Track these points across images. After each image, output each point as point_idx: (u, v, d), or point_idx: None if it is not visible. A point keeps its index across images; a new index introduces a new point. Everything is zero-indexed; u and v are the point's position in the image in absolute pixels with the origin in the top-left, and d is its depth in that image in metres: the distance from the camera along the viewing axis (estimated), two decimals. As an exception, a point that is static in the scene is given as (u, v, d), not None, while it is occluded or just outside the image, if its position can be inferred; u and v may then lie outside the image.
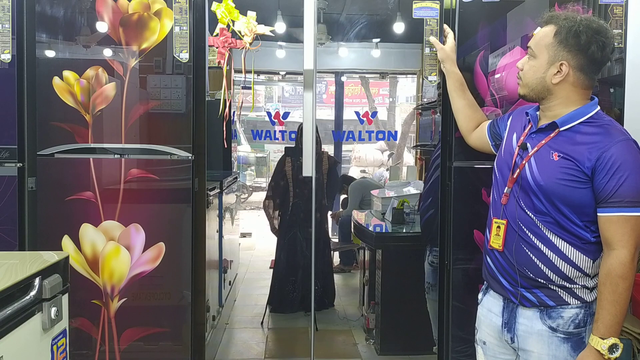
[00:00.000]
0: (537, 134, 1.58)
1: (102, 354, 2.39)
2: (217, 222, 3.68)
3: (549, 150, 1.52)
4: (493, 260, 1.64)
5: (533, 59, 1.56)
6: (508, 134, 1.70)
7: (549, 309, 1.53)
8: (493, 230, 1.61)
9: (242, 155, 10.90)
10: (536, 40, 1.56)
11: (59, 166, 2.37)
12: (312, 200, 2.48)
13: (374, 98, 12.33)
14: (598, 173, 1.43)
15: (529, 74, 1.57)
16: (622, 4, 2.25)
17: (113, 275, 2.37)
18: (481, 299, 1.73)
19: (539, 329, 1.53)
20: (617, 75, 2.30)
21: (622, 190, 1.41)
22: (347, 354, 3.59)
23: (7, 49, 2.27)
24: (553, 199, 1.48)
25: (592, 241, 1.50)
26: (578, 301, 1.51)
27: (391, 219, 3.87)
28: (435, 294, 2.57)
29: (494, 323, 1.64)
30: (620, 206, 1.42)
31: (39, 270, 1.39)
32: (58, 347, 1.46)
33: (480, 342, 1.71)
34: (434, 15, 2.35)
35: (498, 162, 1.69)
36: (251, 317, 4.23)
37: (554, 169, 1.49)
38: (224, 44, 2.48)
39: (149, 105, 2.37)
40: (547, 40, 1.53)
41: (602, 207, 1.45)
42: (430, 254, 2.59)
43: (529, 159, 1.54)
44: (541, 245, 1.52)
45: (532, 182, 1.51)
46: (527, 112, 1.65)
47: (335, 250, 5.44)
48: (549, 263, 1.51)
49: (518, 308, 1.58)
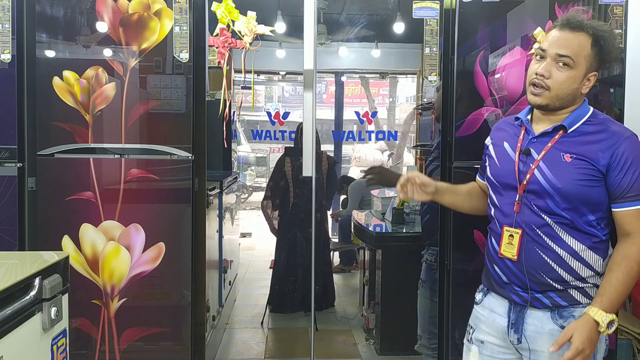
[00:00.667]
0: (538, 138, 1.57)
1: (102, 354, 2.40)
2: (217, 222, 3.68)
3: (558, 153, 1.52)
4: (503, 269, 1.61)
5: (569, 69, 1.50)
6: (497, 145, 1.67)
7: (561, 308, 1.53)
8: (504, 239, 1.59)
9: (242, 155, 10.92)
10: (574, 50, 1.50)
11: (59, 166, 2.37)
12: (312, 200, 2.48)
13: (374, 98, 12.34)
14: (612, 170, 1.47)
15: (564, 84, 1.50)
16: (622, 4, 2.25)
17: (113, 275, 2.37)
18: (481, 299, 1.72)
19: (550, 329, 1.53)
20: (617, 75, 2.30)
21: (638, 183, 1.47)
22: (347, 354, 3.59)
23: (7, 49, 2.28)
24: (572, 199, 1.50)
25: (603, 239, 1.53)
26: (588, 299, 1.53)
27: (391, 219, 3.87)
28: (425, 290, 2.57)
29: (497, 324, 1.63)
30: (637, 199, 1.48)
31: (39, 270, 1.39)
32: (58, 347, 1.46)
33: (477, 342, 1.69)
34: (434, 15, 2.35)
35: (495, 172, 1.65)
36: (251, 317, 4.23)
37: (569, 170, 1.50)
38: (224, 44, 2.48)
39: (149, 105, 2.37)
40: (586, 51, 1.50)
41: (620, 202, 1.49)
42: (426, 252, 2.60)
43: (538, 163, 1.54)
44: (556, 247, 1.53)
45: (548, 186, 1.51)
46: (518, 117, 1.64)
47: (335, 250, 5.44)
48: (564, 264, 1.52)
49: (527, 309, 1.57)
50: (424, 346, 2.59)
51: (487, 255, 1.69)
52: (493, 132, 1.74)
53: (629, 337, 2.60)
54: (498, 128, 1.73)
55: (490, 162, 1.68)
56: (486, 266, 1.70)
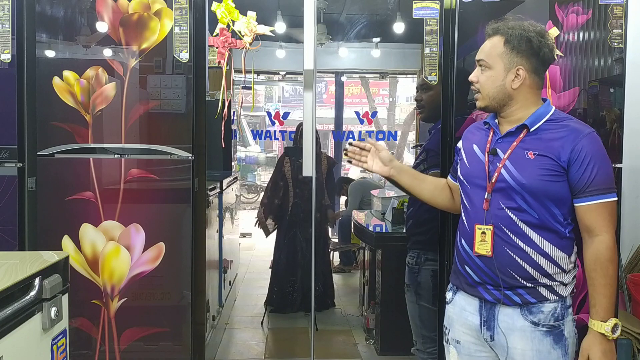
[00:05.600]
0: (504, 138, 1.64)
1: (102, 354, 2.40)
2: (217, 222, 3.68)
3: (523, 151, 1.58)
4: (474, 268, 1.64)
5: (488, 70, 1.63)
6: (467, 148, 1.74)
7: (530, 305, 1.57)
8: (477, 236, 1.63)
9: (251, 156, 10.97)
10: (487, 52, 1.63)
11: (59, 166, 2.37)
12: (312, 200, 2.48)
13: (374, 98, 12.35)
14: (572, 165, 1.53)
15: (487, 85, 1.63)
16: (622, 4, 2.25)
17: (113, 275, 2.37)
18: (451, 298, 1.74)
19: (521, 325, 1.57)
20: (617, 75, 2.30)
21: (597, 179, 1.52)
22: (347, 354, 3.59)
23: (7, 49, 2.27)
24: (537, 194, 1.55)
25: (567, 236, 1.58)
26: (555, 296, 1.57)
27: (391, 219, 3.87)
28: (410, 295, 2.56)
29: (469, 322, 1.66)
30: (597, 194, 1.52)
31: (39, 270, 1.39)
32: (58, 347, 1.46)
33: (454, 342, 1.72)
34: (434, 15, 2.35)
35: (464, 172, 1.71)
36: (251, 317, 4.23)
37: (533, 167, 1.55)
38: (224, 44, 2.48)
39: (149, 105, 2.37)
40: (498, 50, 1.61)
41: (581, 197, 1.54)
42: (408, 255, 2.59)
43: (504, 162, 1.59)
44: (523, 245, 1.57)
45: (514, 183, 1.57)
46: (486, 122, 1.71)
47: (335, 250, 5.44)
48: (531, 261, 1.56)
49: (497, 306, 1.60)
50: (419, 350, 2.59)
51: (457, 256, 1.73)
52: (464, 137, 1.81)
53: (629, 337, 2.60)
54: (468, 132, 1.81)
55: (461, 164, 1.75)
56: (455, 266, 1.74)
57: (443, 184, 1.90)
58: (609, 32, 2.25)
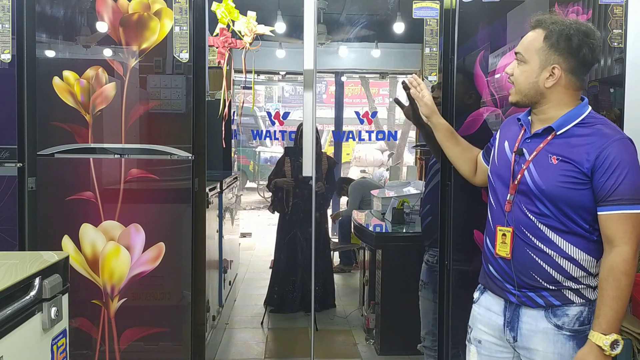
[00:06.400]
0: (532, 139, 1.58)
1: (102, 354, 2.40)
2: (217, 222, 3.68)
3: (547, 155, 1.53)
4: (497, 268, 1.63)
5: (523, 64, 1.57)
6: (499, 143, 1.70)
7: (554, 307, 1.53)
8: (498, 238, 1.61)
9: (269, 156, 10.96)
10: (525, 46, 1.57)
11: (59, 166, 2.37)
12: (312, 200, 2.48)
13: (374, 98, 12.34)
14: (597, 172, 1.45)
15: (520, 79, 1.57)
16: (622, 4, 2.25)
17: (113, 275, 2.37)
18: (478, 297, 1.73)
19: (544, 327, 1.53)
20: (617, 75, 2.30)
21: (621, 188, 1.43)
22: (347, 354, 3.59)
23: (7, 49, 2.27)
24: (556, 201, 1.50)
25: (595, 240, 1.51)
26: (582, 299, 1.53)
27: (391, 219, 3.87)
28: (427, 292, 2.56)
29: (493, 322, 1.64)
30: (620, 204, 1.44)
31: (39, 270, 1.39)
32: (58, 347, 1.46)
33: (475, 341, 1.70)
34: (434, 15, 2.35)
35: (493, 170, 1.69)
36: (251, 317, 4.23)
37: (554, 172, 1.50)
38: (224, 44, 2.48)
39: (149, 105, 2.37)
40: (537, 44, 1.54)
41: (603, 205, 1.46)
42: (426, 253, 2.59)
43: (528, 164, 1.55)
44: (546, 248, 1.53)
45: (534, 187, 1.52)
46: (519, 118, 1.66)
47: (335, 250, 5.44)
48: (554, 264, 1.52)
49: (521, 308, 1.58)
50: (427, 347, 2.59)
51: (483, 255, 1.71)
52: (501, 127, 1.76)
53: (629, 337, 2.60)
54: (505, 124, 1.75)
55: (491, 160, 1.72)
56: (483, 265, 1.72)
57: (472, 157, 1.89)
58: (609, 32, 2.25)
